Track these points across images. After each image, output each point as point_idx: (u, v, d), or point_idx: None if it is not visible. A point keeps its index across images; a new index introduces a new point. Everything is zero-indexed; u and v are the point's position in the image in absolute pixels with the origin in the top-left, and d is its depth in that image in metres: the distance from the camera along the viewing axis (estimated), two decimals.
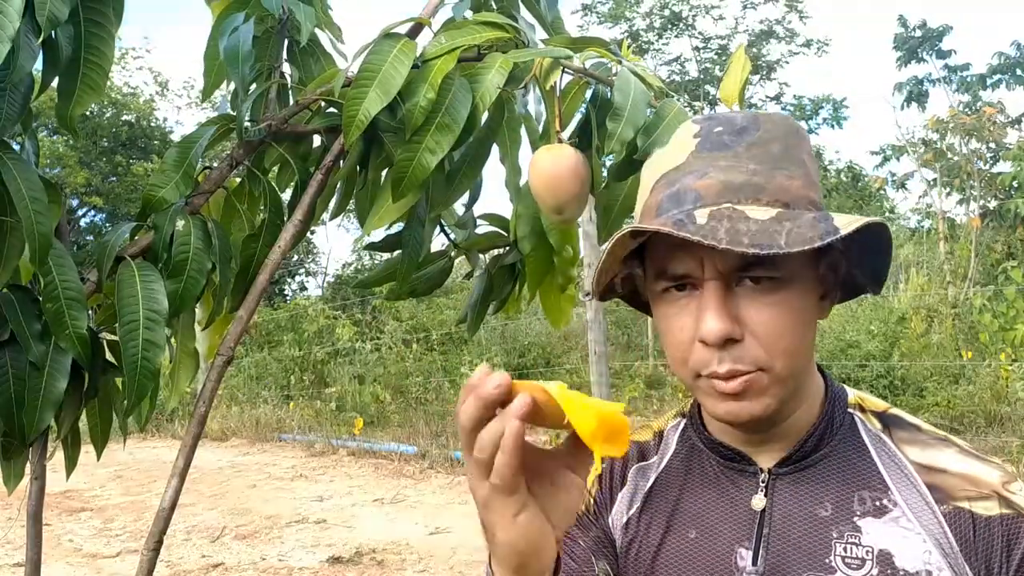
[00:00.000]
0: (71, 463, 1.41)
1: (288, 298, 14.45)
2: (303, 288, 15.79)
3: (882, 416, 0.87)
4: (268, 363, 10.61)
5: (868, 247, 0.81)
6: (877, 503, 0.80)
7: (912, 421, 0.86)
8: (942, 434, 0.85)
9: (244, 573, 4.65)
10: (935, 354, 6.96)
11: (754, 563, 0.82)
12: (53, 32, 1.17)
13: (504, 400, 0.66)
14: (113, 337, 1.29)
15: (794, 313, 0.77)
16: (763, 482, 0.85)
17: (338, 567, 4.63)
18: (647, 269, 0.84)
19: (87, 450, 1.40)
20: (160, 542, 1.28)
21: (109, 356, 1.34)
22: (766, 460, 0.86)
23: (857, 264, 0.85)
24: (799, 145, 0.81)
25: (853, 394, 0.89)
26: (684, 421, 0.96)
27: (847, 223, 0.73)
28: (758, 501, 0.84)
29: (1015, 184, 8.00)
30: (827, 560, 0.79)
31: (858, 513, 0.80)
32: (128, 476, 7.19)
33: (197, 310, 1.43)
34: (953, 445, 0.83)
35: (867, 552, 0.78)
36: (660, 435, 0.97)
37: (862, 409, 0.87)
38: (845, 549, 0.79)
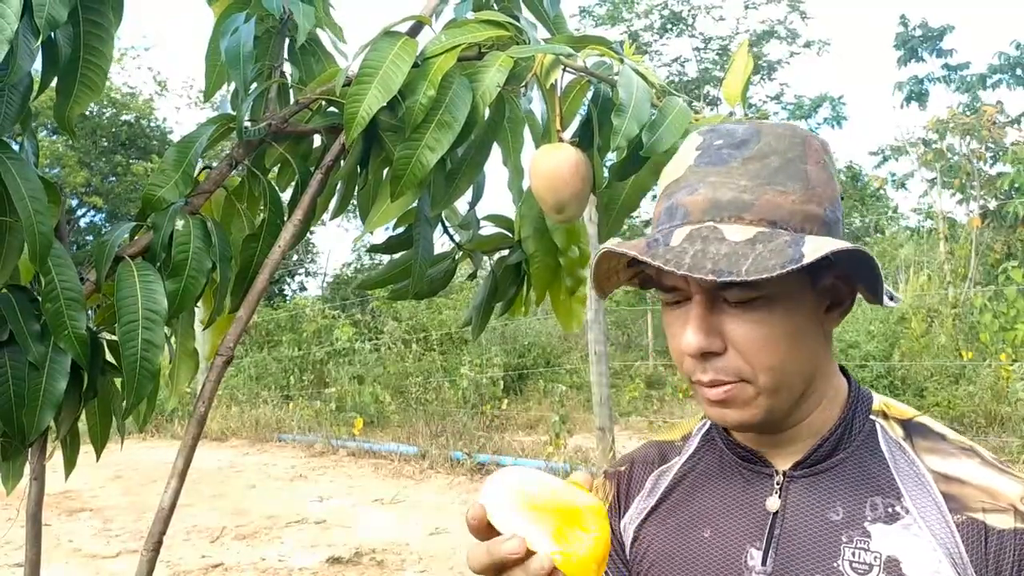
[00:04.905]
0: (70, 463, 1.41)
1: (288, 298, 14.44)
2: (303, 288, 15.80)
3: (906, 424, 0.86)
4: (268, 363, 10.59)
5: (856, 262, 0.79)
6: (889, 509, 0.80)
7: (938, 430, 0.86)
8: (968, 444, 0.84)
9: (244, 573, 4.64)
10: (935, 354, 6.96)
11: (763, 563, 0.82)
12: (52, 32, 1.16)
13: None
14: (113, 337, 1.29)
15: (778, 329, 0.78)
16: (778, 484, 0.85)
17: (338, 567, 4.62)
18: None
19: (86, 450, 1.40)
20: (160, 542, 1.28)
21: (109, 356, 1.33)
22: (782, 462, 0.86)
23: (851, 278, 0.83)
24: (803, 156, 0.79)
25: (879, 400, 0.88)
26: (710, 421, 0.96)
27: (815, 249, 0.72)
28: (772, 502, 0.85)
29: (1015, 186, 7.99)
30: (835, 564, 0.79)
31: (869, 518, 0.80)
32: (127, 476, 7.17)
33: (198, 310, 1.43)
34: (976, 456, 0.83)
35: (875, 558, 0.78)
36: (687, 436, 0.98)
37: (885, 416, 0.87)
38: (854, 554, 0.79)
